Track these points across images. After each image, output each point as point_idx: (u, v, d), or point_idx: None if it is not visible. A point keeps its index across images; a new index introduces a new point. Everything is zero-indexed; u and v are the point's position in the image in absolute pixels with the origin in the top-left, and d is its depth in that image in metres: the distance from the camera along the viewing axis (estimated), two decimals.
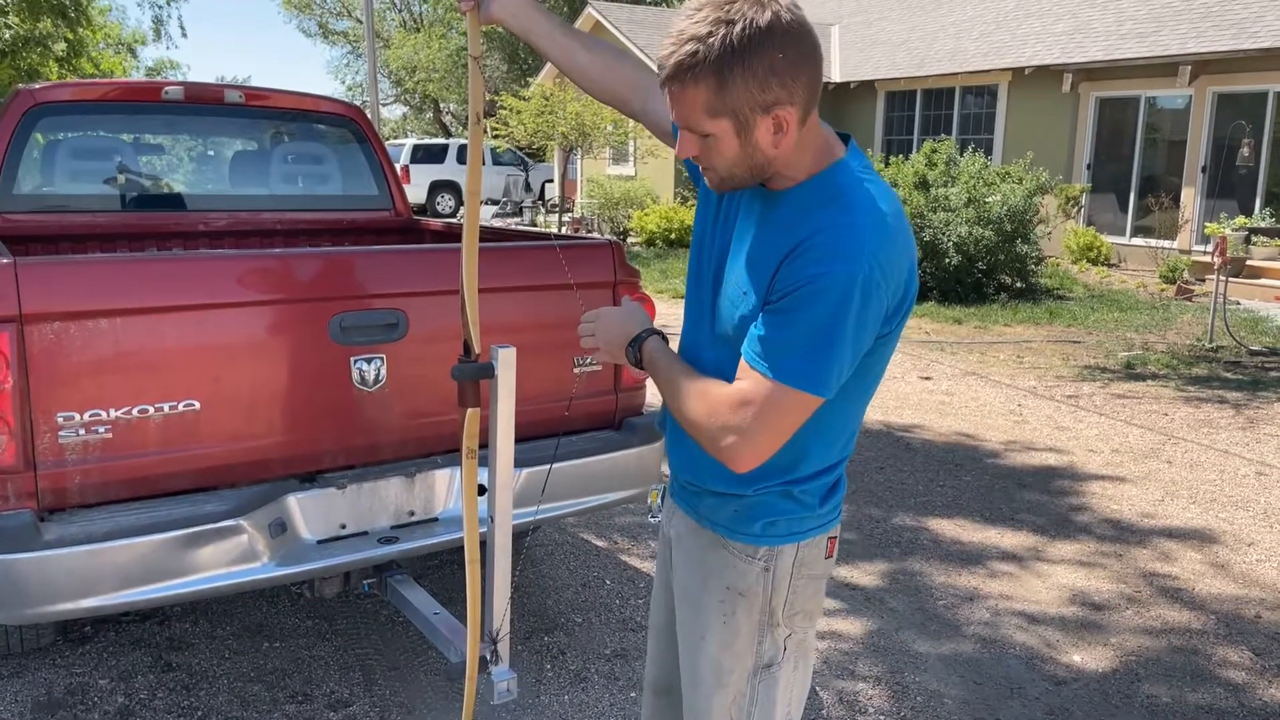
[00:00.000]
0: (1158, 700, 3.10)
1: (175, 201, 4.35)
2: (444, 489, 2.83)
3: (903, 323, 1.56)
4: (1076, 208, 14.41)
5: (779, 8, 1.41)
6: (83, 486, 2.38)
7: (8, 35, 18.66)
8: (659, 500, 1.87)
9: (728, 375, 1.54)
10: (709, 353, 1.64)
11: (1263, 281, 11.56)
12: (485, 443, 2.11)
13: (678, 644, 1.82)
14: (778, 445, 1.51)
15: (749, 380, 1.48)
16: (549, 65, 22.10)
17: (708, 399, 1.52)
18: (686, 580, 1.76)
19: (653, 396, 3.76)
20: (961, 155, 12.16)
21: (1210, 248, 11.47)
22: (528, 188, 23.55)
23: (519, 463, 2.23)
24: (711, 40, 1.39)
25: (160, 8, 21.76)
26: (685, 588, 1.76)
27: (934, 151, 12.05)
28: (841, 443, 1.65)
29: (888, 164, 12.41)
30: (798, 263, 1.45)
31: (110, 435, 2.37)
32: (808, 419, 1.51)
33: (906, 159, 12.48)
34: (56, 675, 3.10)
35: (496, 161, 24.44)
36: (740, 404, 1.48)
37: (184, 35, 29.24)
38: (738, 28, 1.38)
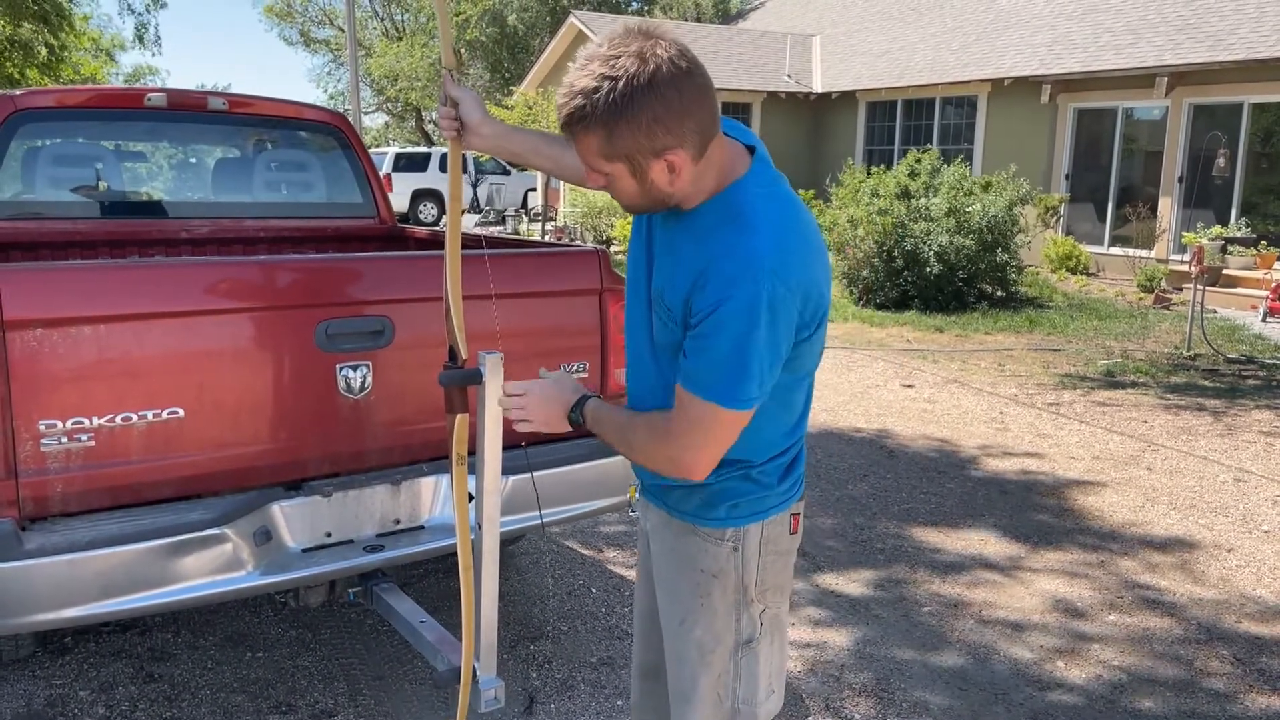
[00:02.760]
0: (1140, 706, 3.12)
1: (158, 209, 4.32)
2: (430, 497, 2.82)
3: (821, 325, 1.66)
4: (1055, 217, 14.55)
5: (660, 60, 1.49)
6: (65, 495, 2.35)
7: None
8: (637, 494, 1.97)
9: (670, 382, 1.66)
10: (650, 363, 1.75)
11: (1239, 290, 11.70)
12: (472, 449, 2.11)
13: (661, 628, 1.90)
14: (722, 453, 1.65)
15: (686, 404, 1.61)
16: (533, 73, 22.18)
17: (653, 428, 1.67)
18: (663, 569, 1.86)
19: None
20: (944, 166, 12.25)
21: (1187, 257, 11.59)
22: (482, 200, 23.41)
23: (505, 470, 2.22)
24: (596, 96, 1.49)
25: (141, 15, 21.63)
26: (662, 577, 1.87)
27: (917, 161, 12.13)
28: (789, 428, 1.76)
29: (869, 174, 12.48)
30: (706, 288, 1.55)
31: (93, 443, 2.35)
32: (752, 418, 1.62)
33: (888, 169, 12.56)
34: (36, 687, 3.06)
35: (479, 170, 24.42)
36: (684, 427, 1.62)
37: (158, 44, 29.60)
38: (620, 84, 1.48)
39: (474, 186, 23.80)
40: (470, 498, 2.10)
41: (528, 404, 1.82)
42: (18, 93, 3.90)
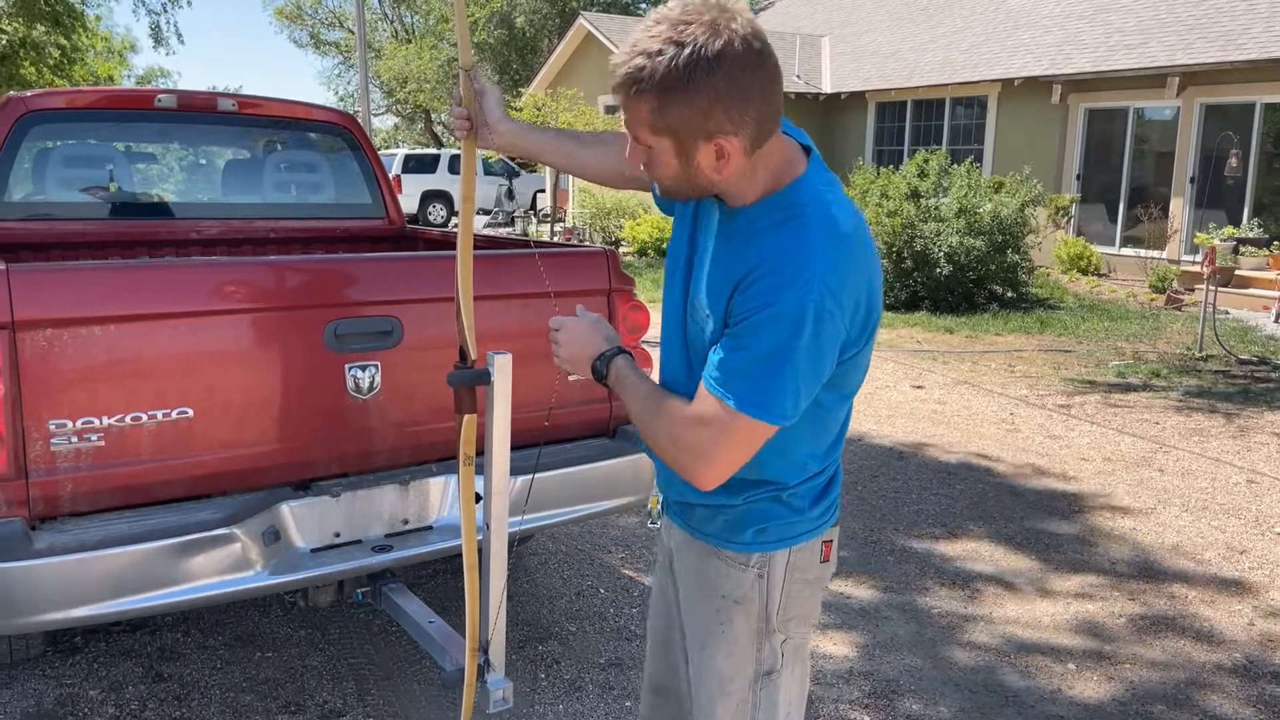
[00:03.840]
0: (1153, 710, 3.10)
1: (168, 209, 4.33)
2: (438, 497, 2.82)
3: (871, 339, 1.55)
4: (1066, 218, 14.49)
5: (734, 35, 1.38)
6: (75, 495, 2.36)
7: (3, 40, 18.64)
8: (659, 507, 1.87)
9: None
10: (682, 367, 1.65)
11: (1251, 291, 11.63)
12: (480, 450, 2.10)
13: (675, 649, 1.84)
14: (737, 466, 1.53)
15: (706, 404, 1.48)
16: (541, 74, 22.19)
17: (670, 420, 1.54)
18: (685, 591, 1.77)
19: None
20: (953, 166, 12.21)
21: (1199, 258, 11.53)
22: (510, 196, 23.59)
23: (513, 470, 2.22)
24: (659, 60, 1.38)
25: (156, 15, 21.71)
26: (685, 598, 1.78)
27: (926, 162, 12.09)
28: (826, 447, 1.65)
29: (878, 175, 12.44)
30: (752, 289, 1.45)
31: (103, 443, 2.36)
32: (788, 437, 1.52)
33: (897, 169, 12.52)
34: (46, 686, 3.07)
35: (488, 171, 24.48)
36: (698, 427, 1.50)
37: (181, 42, 29.64)
38: (685, 52, 1.37)
39: (510, 181, 23.95)
40: (477, 498, 2.10)
41: (560, 338, 1.72)
42: (28, 94, 3.92)
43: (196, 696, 3.04)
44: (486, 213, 22.94)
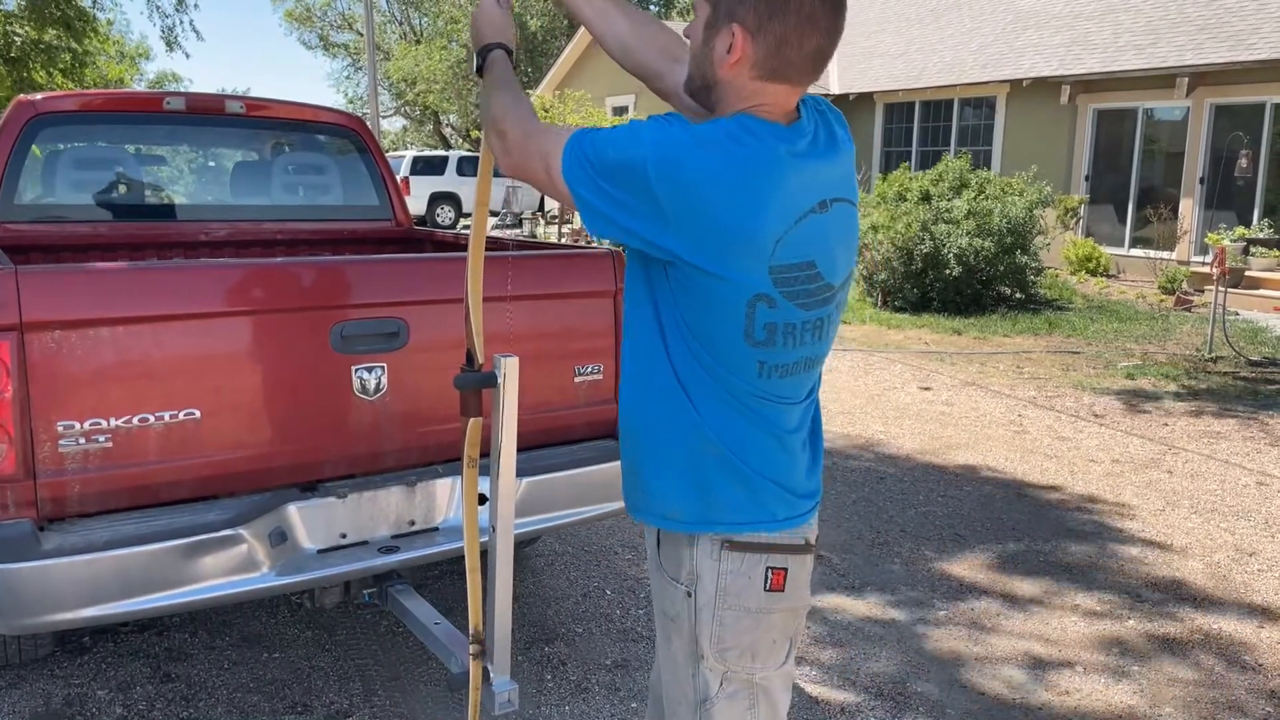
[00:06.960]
0: (1162, 713, 3.09)
1: (176, 211, 4.35)
2: (445, 498, 2.82)
3: (716, 266, 1.44)
4: (1075, 219, 14.44)
5: None
6: (83, 495, 2.37)
7: (17, 42, 18.73)
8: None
9: (640, 306, 1.58)
10: (646, 319, 1.60)
11: (1261, 292, 11.58)
12: (486, 452, 2.11)
13: None
14: (523, 160, 1.56)
15: (559, 130, 1.53)
16: (550, 76, 22.18)
17: (521, 111, 1.60)
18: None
19: None
20: (973, 172, 12.16)
21: (1209, 258, 11.49)
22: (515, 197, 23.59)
23: (519, 472, 2.22)
24: None
25: (169, 16, 21.74)
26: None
27: (945, 169, 12.06)
28: (760, 440, 1.54)
29: (912, 177, 12.38)
30: None
31: (110, 444, 2.37)
32: (550, 189, 1.53)
33: (908, 170, 12.50)
34: (55, 686, 3.09)
35: (495, 173, 24.45)
36: (534, 132, 1.55)
37: (200, 39, 29.88)
38: None
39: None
40: (482, 499, 2.10)
41: (473, 12, 1.81)
42: (38, 97, 3.94)
43: (204, 697, 3.05)
44: (494, 214, 22.94)
